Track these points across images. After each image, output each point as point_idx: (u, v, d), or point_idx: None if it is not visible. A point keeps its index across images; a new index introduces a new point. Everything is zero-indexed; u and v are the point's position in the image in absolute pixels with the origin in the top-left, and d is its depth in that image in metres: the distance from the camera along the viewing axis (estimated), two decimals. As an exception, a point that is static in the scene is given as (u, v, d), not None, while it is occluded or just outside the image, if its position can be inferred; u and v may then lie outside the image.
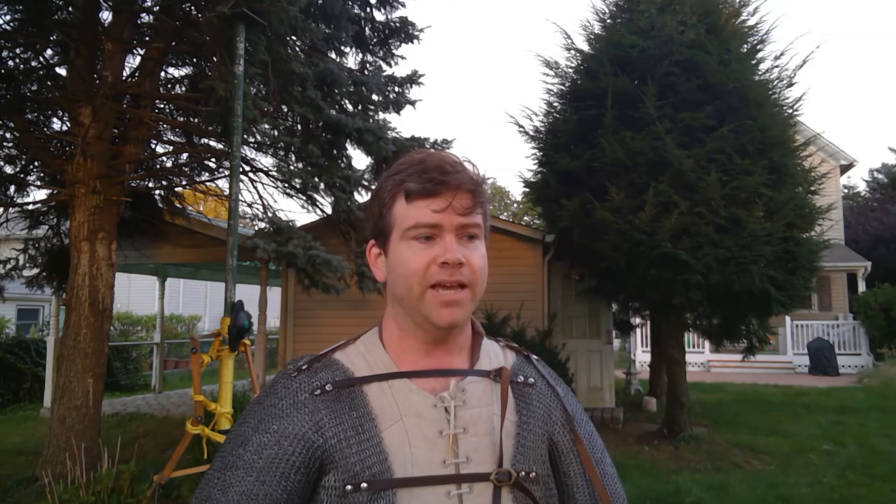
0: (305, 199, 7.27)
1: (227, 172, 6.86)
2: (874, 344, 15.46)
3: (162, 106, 7.02)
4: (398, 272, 0.88)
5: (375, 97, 7.24)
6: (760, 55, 7.51)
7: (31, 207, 6.95)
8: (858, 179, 36.28)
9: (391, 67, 7.88)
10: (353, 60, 7.72)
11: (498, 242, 8.17)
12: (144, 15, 6.19)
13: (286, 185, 7.18)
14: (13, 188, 6.75)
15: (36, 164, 6.52)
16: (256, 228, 7.57)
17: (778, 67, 7.62)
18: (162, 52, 5.97)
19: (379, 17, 7.67)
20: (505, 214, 30.81)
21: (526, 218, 25.72)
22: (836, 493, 5.36)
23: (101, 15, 5.94)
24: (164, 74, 6.78)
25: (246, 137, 6.01)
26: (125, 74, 6.05)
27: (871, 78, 67.92)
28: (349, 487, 0.82)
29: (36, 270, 7.29)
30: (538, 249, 8.60)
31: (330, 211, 7.16)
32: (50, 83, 6.20)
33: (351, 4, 7.14)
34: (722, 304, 7.20)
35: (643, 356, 15.44)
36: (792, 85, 7.60)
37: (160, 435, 7.59)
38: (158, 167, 7.24)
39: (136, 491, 4.38)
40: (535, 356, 1.04)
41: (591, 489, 0.94)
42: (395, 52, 7.86)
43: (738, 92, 6.85)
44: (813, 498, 5.22)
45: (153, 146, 7.20)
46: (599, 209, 6.77)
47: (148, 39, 6.30)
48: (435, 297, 0.86)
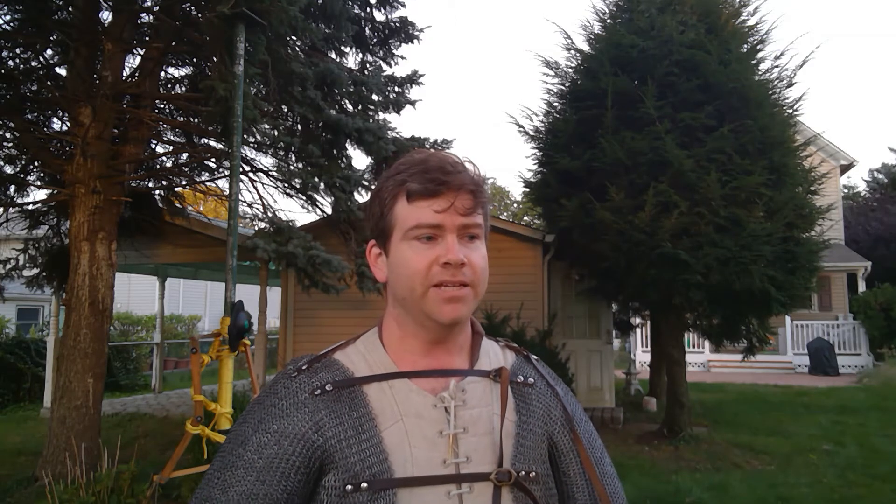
0: (305, 199, 7.27)
1: (227, 172, 6.86)
2: (874, 344, 15.46)
3: (162, 106, 7.02)
4: (400, 272, 0.88)
5: (375, 97, 7.24)
6: (760, 55, 7.52)
7: (31, 207, 6.95)
8: (858, 179, 36.38)
9: (391, 67, 7.90)
10: (353, 60, 7.74)
11: (498, 242, 8.16)
12: (144, 15, 6.19)
13: (286, 185, 7.18)
14: (13, 188, 6.75)
15: (36, 164, 6.52)
16: (256, 228, 7.56)
17: (778, 67, 7.63)
18: (162, 52, 5.97)
19: (379, 17, 7.68)
20: (505, 214, 30.80)
21: (526, 218, 25.72)
22: (836, 493, 5.36)
23: (101, 15, 5.94)
24: (164, 74, 6.78)
25: (246, 137, 6.01)
26: (125, 74, 6.05)
27: (871, 78, 68.00)
28: (349, 487, 0.83)
29: (36, 270, 7.29)
30: (538, 249, 8.60)
31: (330, 211, 7.16)
32: (50, 83, 6.20)
33: (351, 4, 7.14)
34: (722, 304, 7.20)
35: (643, 356, 15.43)
36: (792, 85, 7.61)
37: (160, 435, 7.59)
38: (158, 167, 7.24)
39: (136, 491, 4.38)
40: (534, 356, 1.04)
41: (590, 489, 0.94)
42: (395, 52, 7.86)
43: (738, 92, 6.85)
44: (813, 498, 5.22)
45: (153, 146, 7.20)
46: (599, 209, 6.77)
47: (148, 39, 6.30)
48: (438, 293, 0.86)
